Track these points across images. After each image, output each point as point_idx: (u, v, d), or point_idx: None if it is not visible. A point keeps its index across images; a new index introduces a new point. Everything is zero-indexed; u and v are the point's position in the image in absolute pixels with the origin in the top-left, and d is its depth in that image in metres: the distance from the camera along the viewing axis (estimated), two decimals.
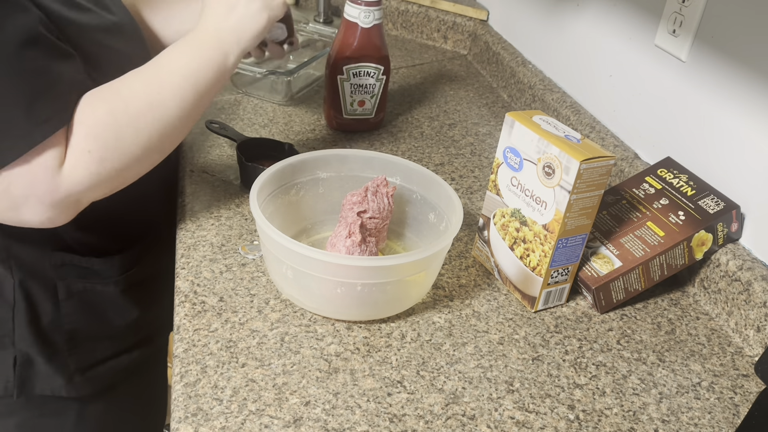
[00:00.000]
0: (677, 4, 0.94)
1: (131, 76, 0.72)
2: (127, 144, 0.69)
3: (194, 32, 0.77)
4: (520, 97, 1.35)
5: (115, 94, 0.69)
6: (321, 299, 0.74)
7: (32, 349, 0.85)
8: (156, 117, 0.71)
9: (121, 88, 0.70)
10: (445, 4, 1.62)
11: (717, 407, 0.72)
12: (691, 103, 0.94)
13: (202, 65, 0.75)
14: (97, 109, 0.68)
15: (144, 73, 0.72)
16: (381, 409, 0.66)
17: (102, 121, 0.68)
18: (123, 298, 0.91)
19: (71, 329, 0.87)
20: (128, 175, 0.73)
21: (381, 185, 0.82)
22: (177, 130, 0.75)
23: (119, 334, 0.93)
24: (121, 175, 0.71)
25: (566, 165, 0.72)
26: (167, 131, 0.73)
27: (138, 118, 0.69)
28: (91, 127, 0.67)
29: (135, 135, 0.69)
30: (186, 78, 0.73)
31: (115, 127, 0.68)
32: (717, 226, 0.84)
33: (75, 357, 0.88)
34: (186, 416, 0.63)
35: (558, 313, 0.83)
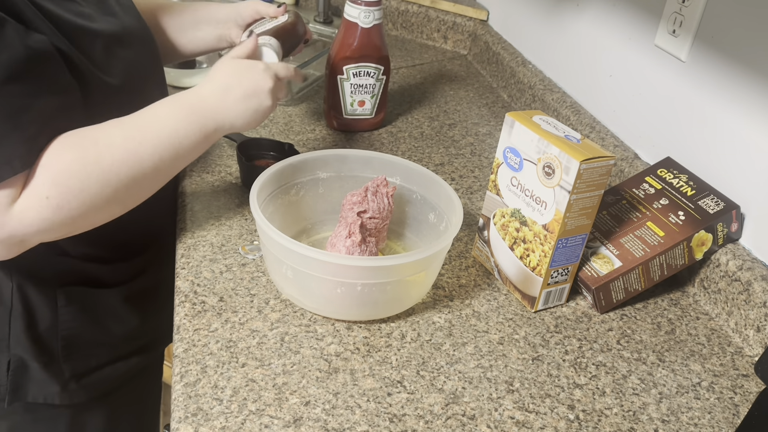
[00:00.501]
0: (677, 4, 0.94)
1: (113, 125, 0.70)
2: (90, 195, 0.67)
3: (192, 95, 0.75)
4: (520, 97, 1.35)
5: (91, 143, 0.67)
6: (321, 299, 0.74)
7: (27, 355, 0.84)
8: (128, 173, 0.69)
9: (99, 136, 0.68)
10: (445, 4, 1.62)
11: (717, 407, 0.72)
12: (690, 103, 0.94)
13: (189, 131, 0.73)
14: (66, 155, 0.65)
15: (127, 125, 0.70)
16: (381, 409, 0.66)
17: (69, 168, 0.65)
18: (124, 307, 0.90)
19: (68, 336, 0.86)
20: (82, 224, 0.70)
21: (381, 185, 0.82)
22: (146, 187, 0.73)
23: (117, 341, 0.92)
24: (74, 223, 0.68)
25: (566, 165, 0.72)
26: (136, 187, 0.71)
27: (109, 171, 0.67)
28: (55, 174, 0.65)
29: (101, 187, 0.67)
30: (169, 139, 0.71)
31: (82, 176, 0.66)
32: (717, 226, 0.84)
33: (70, 364, 0.87)
34: (186, 416, 0.63)
35: (558, 313, 0.83)
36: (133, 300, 0.91)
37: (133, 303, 0.91)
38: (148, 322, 0.95)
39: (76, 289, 0.85)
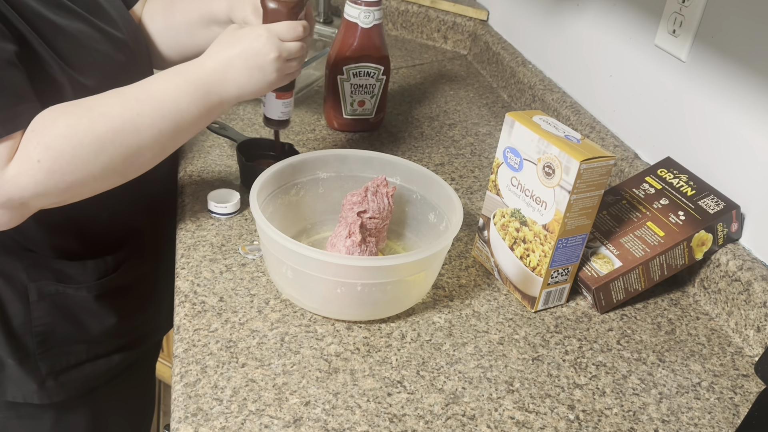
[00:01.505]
0: (677, 4, 0.94)
1: (111, 94, 0.69)
2: (82, 161, 0.67)
3: (195, 67, 0.74)
4: (520, 97, 1.35)
5: (85, 111, 0.67)
6: (321, 299, 0.74)
7: (3, 351, 0.83)
8: (124, 142, 0.68)
9: (94, 105, 0.68)
10: (445, 4, 1.62)
11: (717, 407, 0.72)
12: (691, 103, 0.94)
13: (192, 104, 0.72)
14: (58, 122, 0.66)
15: (126, 96, 0.70)
16: (381, 409, 0.66)
17: (60, 133, 0.66)
18: (98, 304, 0.89)
19: (42, 332, 0.85)
20: (82, 191, 0.70)
21: (381, 185, 0.82)
22: (144, 158, 0.72)
23: (96, 339, 0.91)
24: (72, 188, 0.68)
25: (566, 165, 0.72)
26: (133, 158, 0.70)
27: (103, 139, 0.67)
28: (46, 138, 0.65)
29: (94, 154, 0.67)
30: (170, 113, 0.70)
31: (73, 142, 0.66)
32: (717, 226, 0.84)
33: (47, 361, 0.87)
34: (186, 416, 0.63)
35: (558, 313, 0.83)
36: (107, 297, 0.90)
37: (108, 300, 0.90)
38: (129, 320, 0.94)
39: (46, 284, 0.84)
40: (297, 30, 0.77)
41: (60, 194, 0.68)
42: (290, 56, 0.77)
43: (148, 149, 0.71)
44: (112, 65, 0.78)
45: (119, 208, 0.86)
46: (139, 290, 0.95)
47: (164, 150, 0.73)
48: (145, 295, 0.96)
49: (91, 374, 0.91)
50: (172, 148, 0.74)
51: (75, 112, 0.67)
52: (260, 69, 0.75)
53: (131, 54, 0.83)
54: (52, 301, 0.85)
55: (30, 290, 0.83)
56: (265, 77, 0.75)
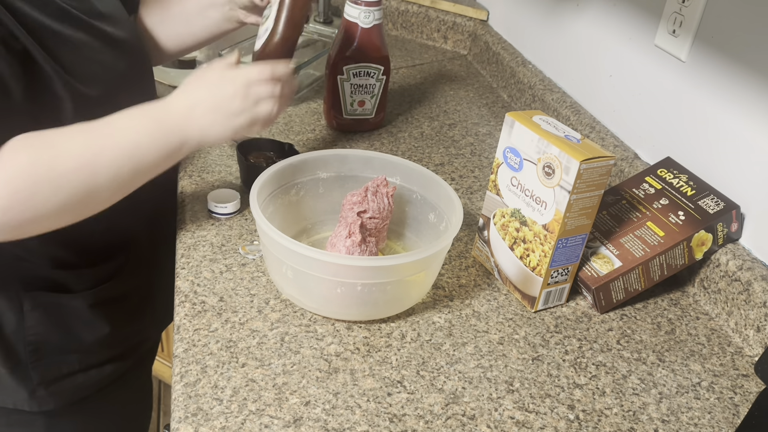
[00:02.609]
0: (677, 4, 0.94)
1: (74, 130, 0.67)
2: (40, 200, 0.64)
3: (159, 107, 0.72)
4: (520, 97, 1.35)
5: (48, 146, 0.65)
6: (321, 299, 0.74)
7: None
8: (82, 182, 0.66)
9: (56, 140, 0.66)
10: (445, 4, 1.62)
11: (717, 407, 0.72)
12: (691, 103, 0.94)
13: (152, 146, 0.70)
14: (19, 156, 0.63)
15: (87, 132, 0.68)
16: (381, 409, 0.66)
17: (21, 170, 0.63)
18: (92, 313, 0.88)
19: (35, 341, 0.84)
20: (29, 229, 0.67)
21: (381, 185, 0.82)
22: (101, 200, 0.70)
23: (88, 348, 0.90)
24: (21, 227, 0.66)
25: (566, 165, 0.72)
26: (89, 198, 0.68)
27: (61, 177, 0.65)
28: (6, 175, 0.62)
29: (52, 193, 0.64)
30: (129, 153, 0.68)
31: (33, 179, 0.63)
32: (717, 226, 0.84)
33: (38, 370, 0.86)
34: (186, 416, 0.63)
35: (558, 313, 0.83)
36: (102, 307, 0.89)
37: (102, 310, 0.89)
38: (122, 330, 0.93)
39: (41, 294, 0.83)
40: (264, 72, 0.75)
41: (9, 231, 0.66)
42: (258, 98, 0.74)
43: (104, 191, 0.69)
44: (113, 74, 0.77)
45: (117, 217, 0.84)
46: (133, 299, 0.94)
47: (121, 190, 0.71)
48: (139, 305, 0.95)
49: (83, 384, 0.90)
50: (128, 190, 0.72)
51: (36, 146, 0.64)
52: (224, 113, 0.73)
53: (132, 58, 0.82)
54: (46, 311, 0.84)
55: (24, 300, 0.82)
56: (229, 122, 0.73)
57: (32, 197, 0.64)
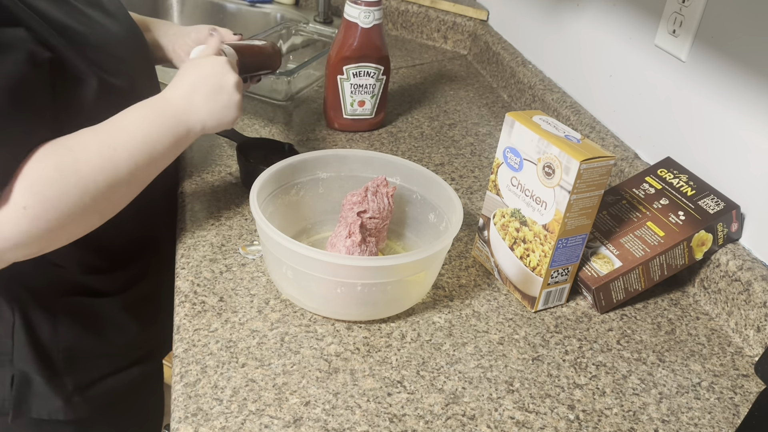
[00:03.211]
0: (677, 4, 0.94)
1: (86, 133, 0.68)
2: (69, 204, 0.64)
3: (159, 99, 0.74)
4: (520, 97, 1.35)
5: (67, 150, 0.65)
6: (321, 299, 0.74)
7: (31, 368, 0.83)
8: (106, 179, 0.66)
9: (73, 144, 0.66)
10: (445, 4, 1.62)
11: (717, 407, 0.72)
12: (691, 103, 0.94)
13: (162, 135, 0.72)
14: (43, 163, 0.63)
15: (100, 132, 0.68)
16: (381, 409, 0.66)
17: (47, 176, 0.63)
18: (123, 315, 0.89)
19: (69, 347, 0.85)
20: (59, 238, 0.67)
21: (381, 185, 0.82)
22: (123, 194, 0.71)
23: (118, 351, 0.91)
24: (51, 236, 0.65)
25: (566, 165, 0.72)
26: (113, 195, 0.69)
27: (87, 178, 0.65)
28: (33, 183, 0.62)
29: (80, 195, 0.65)
30: (143, 144, 0.70)
31: (60, 184, 0.63)
32: (717, 226, 0.84)
33: (73, 377, 0.86)
34: (186, 416, 0.63)
35: (558, 313, 0.83)
36: (132, 308, 0.90)
37: (132, 311, 0.90)
38: (148, 329, 0.94)
39: (74, 299, 0.84)
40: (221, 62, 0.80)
41: (38, 244, 0.65)
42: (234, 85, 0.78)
43: (125, 185, 0.70)
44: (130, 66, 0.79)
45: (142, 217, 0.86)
46: (158, 298, 0.95)
47: (139, 184, 0.72)
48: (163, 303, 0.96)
49: (113, 388, 0.91)
50: (145, 182, 0.73)
51: (57, 152, 0.64)
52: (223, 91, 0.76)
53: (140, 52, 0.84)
54: (79, 316, 0.85)
55: (58, 306, 0.83)
56: (230, 99, 0.77)
57: (61, 201, 0.63)
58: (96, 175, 0.66)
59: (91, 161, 0.66)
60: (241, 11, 1.63)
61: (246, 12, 1.63)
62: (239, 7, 1.63)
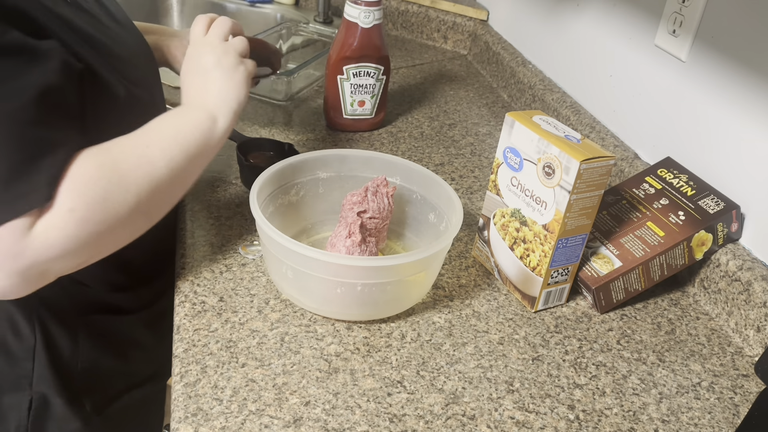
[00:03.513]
0: (677, 4, 0.94)
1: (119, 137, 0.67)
2: (114, 203, 0.62)
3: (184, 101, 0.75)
4: (520, 97, 1.35)
5: (105, 151, 0.64)
6: (321, 299, 0.74)
7: (51, 391, 0.81)
8: (145, 175, 0.65)
9: (110, 146, 0.65)
10: (445, 4, 1.62)
11: (717, 407, 0.72)
12: (691, 103, 0.94)
13: (189, 127, 0.71)
14: (85, 163, 0.61)
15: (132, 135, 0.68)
16: (381, 409, 0.66)
17: (90, 176, 0.61)
18: (143, 332, 0.88)
19: (89, 367, 0.84)
20: (107, 242, 0.65)
21: (381, 185, 0.82)
22: (166, 192, 0.69)
23: (135, 368, 0.90)
24: (99, 241, 0.63)
25: (566, 165, 0.72)
26: (156, 193, 0.67)
27: (127, 175, 0.63)
28: (77, 184, 0.59)
29: (124, 193, 0.63)
30: (174, 138, 0.69)
31: (103, 183, 0.61)
32: (717, 226, 0.84)
33: (91, 397, 0.85)
34: (186, 416, 0.63)
35: (558, 313, 0.83)
36: (152, 324, 0.89)
37: (151, 327, 0.90)
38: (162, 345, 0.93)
39: (96, 318, 0.83)
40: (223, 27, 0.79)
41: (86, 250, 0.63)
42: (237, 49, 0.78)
43: (166, 181, 0.68)
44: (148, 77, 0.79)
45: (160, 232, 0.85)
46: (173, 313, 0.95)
47: (181, 181, 0.70)
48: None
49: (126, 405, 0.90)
50: (188, 180, 0.72)
51: (96, 153, 0.63)
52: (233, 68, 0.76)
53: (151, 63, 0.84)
54: (100, 335, 0.84)
55: (79, 327, 0.82)
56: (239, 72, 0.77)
57: (106, 202, 0.61)
58: (135, 172, 0.64)
59: (129, 159, 0.65)
60: (241, 11, 1.63)
61: (246, 12, 1.63)
62: (239, 7, 1.63)
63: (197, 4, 1.66)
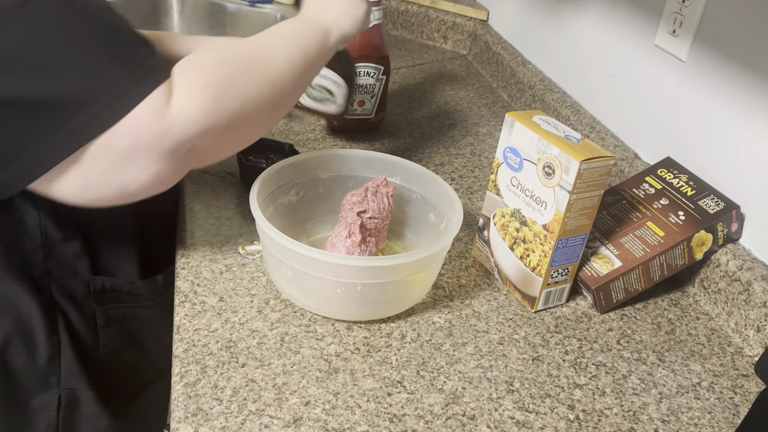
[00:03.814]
0: (677, 4, 0.94)
1: (244, 39, 0.69)
2: (241, 86, 0.62)
3: (301, 14, 0.77)
4: (520, 97, 1.35)
5: (223, 47, 0.65)
6: (321, 299, 0.74)
7: (80, 385, 0.80)
8: (268, 65, 0.66)
9: (228, 43, 0.67)
10: (445, 4, 1.62)
11: (717, 407, 0.72)
12: (691, 103, 0.94)
13: (307, 35, 0.73)
14: (205, 53, 0.62)
15: (250, 38, 0.69)
16: (381, 409, 0.66)
17: (214, 59, 0.62)
18: (160, 321, 0.87)
19: (110, 360, 0.83)
20: (241, 127, 0.65)
21: (381, 185, 0.82)
22: (288, 87, 0.69)
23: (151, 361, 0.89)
24: (233, 122, 0.62)
25: (566, 165, 0.72)
26: (279, 84, 0.67)
27: (250, 63, 0.65)
28: (203, 65, 0.60)
29: (249, 77, 0.63)
30: (293, 40, 0.70)
31: (228, 66, 0.62)
32: (717, 226, 0.84)
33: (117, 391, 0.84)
34: (186, 416, 0.63)
35: (558, 313, 0.83)
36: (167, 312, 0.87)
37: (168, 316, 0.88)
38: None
39: (114, 308, 0.82)
40: None
41: (224, 131, 0.62)
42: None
43: (287, 75, 0.68)
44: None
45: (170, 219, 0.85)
46: None
47: (300, 80, 0.71)
48: None
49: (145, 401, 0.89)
50: (306, 81, 0.73)
51: (213, 48, 0.65)
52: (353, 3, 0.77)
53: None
54: (119, 325, 0.83)
55: (98, 315, 0.81)
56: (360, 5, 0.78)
57: (233, 84, 0.62)
58: (257, 60, 0.66)
59: (250, 50, 0.66)
60: (241, 11, 1.63)
61: (246, 12, 1.63)
62: (239, 8, 1.63)
63: (197, 3, 1.66)
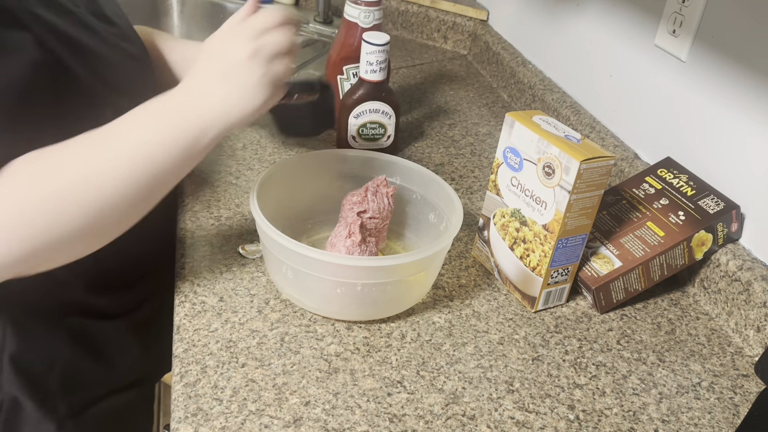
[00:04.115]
0: (677, 4, 0.95)
1: (85, 135, 0.59)
2: (40, 230, 0.56)
3: (175, 92, 0.63)
4: (520, 97, 1.35)
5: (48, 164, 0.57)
6: (321, 299, 0.74)
7: (21, 393, 0.79)
8: (93, 196, 0.57)
9: (64, 151, 0.58)
10: (445, 4, 1.62)
11: (717, 407, 0.72)
12: (690, 103, 0.94)
13: (168, 139, 0.60)
14: (17, 181, 0.56)
15: (96, 136, 0.59)
16: (381, 409, 0.66)
17: (18, 198, 0.56)
18: (127, 338, 0.86)
19: (67, 370, 0.82)
20: (38, 263, 0.59)
21: (381, 185, 0.82)
22: (119, 216, 0.60)
23: (116, 374, 0.88)
24: (28, 261, 0.57)
25: (566, 165, 0.72)
26: (104, 216, 0.58)
27: (69, 194, 0.57)
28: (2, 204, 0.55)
29: (58, 214, 0.56)
30: (144, 152, 0.59)
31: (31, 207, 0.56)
32: (717, 226, 0.84)
33: (67, 400, 0.83)
34: (186, 416, 0.63)
35: (558, 313, 0.83)
36: (136, 330, 0.87)
37: (137, 333, 0.88)
38: (148, 352, 0.92)
39: (78, 321, 0.82)
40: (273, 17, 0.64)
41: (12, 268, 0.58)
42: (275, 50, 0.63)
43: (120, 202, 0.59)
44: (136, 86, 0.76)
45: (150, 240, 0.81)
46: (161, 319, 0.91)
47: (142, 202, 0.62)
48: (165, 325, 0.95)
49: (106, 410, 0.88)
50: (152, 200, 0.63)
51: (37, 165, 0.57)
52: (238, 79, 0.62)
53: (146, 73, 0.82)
54: (81, 339, 0.82)
55: (60, 329, 0.81)
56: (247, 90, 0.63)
57: (31, 227, 0.56)
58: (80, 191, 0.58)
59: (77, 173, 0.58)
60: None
61: None
62: (239, 8, 1.63)
63: (197, 3, 1.66)
